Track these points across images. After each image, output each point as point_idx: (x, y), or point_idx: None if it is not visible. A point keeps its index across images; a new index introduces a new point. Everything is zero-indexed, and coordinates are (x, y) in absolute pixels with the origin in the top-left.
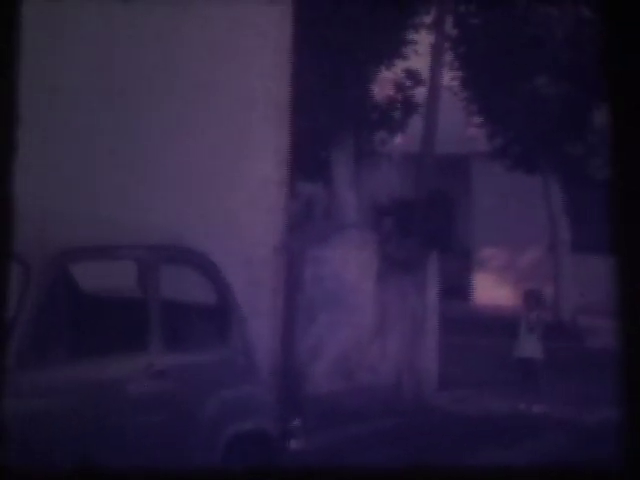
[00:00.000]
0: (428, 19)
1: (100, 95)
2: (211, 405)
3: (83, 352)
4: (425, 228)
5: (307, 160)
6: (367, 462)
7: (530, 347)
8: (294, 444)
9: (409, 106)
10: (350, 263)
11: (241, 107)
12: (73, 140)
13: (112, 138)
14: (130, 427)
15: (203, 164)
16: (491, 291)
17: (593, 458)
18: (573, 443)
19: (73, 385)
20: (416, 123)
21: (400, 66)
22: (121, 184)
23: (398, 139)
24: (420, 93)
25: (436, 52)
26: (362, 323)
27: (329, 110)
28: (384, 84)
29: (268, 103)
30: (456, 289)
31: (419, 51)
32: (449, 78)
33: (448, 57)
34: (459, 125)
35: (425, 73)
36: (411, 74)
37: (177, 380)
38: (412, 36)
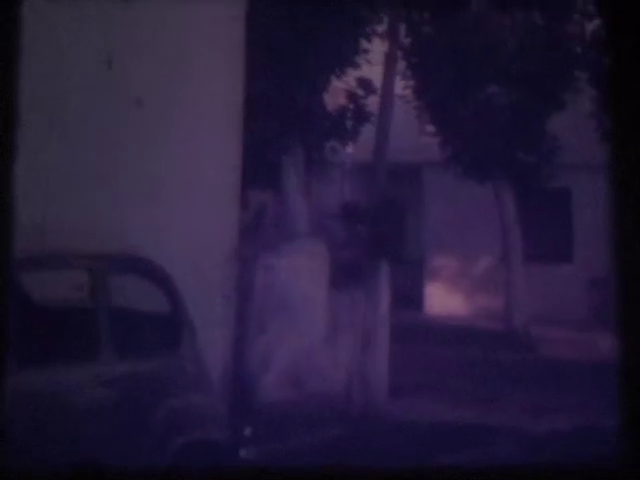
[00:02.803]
0: (381, 28)
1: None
2: (160, 414)
3: (32, 362)
4: (376, 237)
5: (258, 168)
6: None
7: None
8: (244, 453)
9: (361, 115)
10: (301, 272)
11: (192, 115)
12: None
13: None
14: (77, 437)
15: (154, 172)
16: (442, 300)
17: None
18: (523, 453)
19: (20, 395)
20: (368, 132)
21: (352, 75)
22: (71, 192)
23: (350, 148)
24: (372, 102)
25: (389, 61)
26: (313, 332)
27: (280, 118)
28: (336, 93)
29: (220, 111)
30: (407, 298)
31: (371, 60)
32: (402, 87)
33: (401, 66)
34: (411, 134)
35: (377, 82)
36: (363, 83)
37: (126, 389)
38: (365, 45)
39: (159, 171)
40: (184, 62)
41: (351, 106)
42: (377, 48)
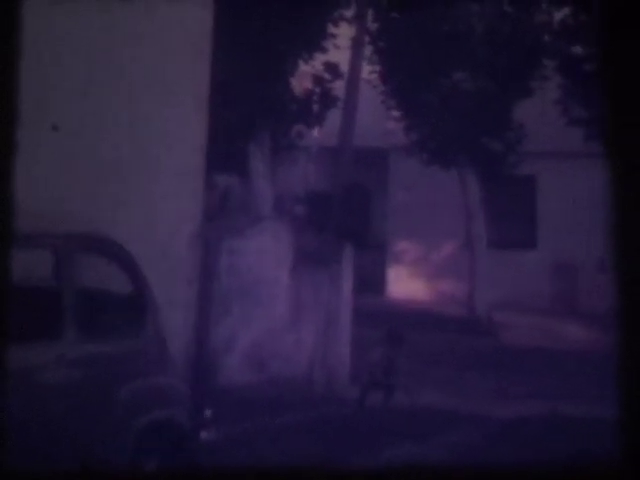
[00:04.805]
0: (349, 12)
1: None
2: (123, 395)
3: None
4: (341, 221)
5: (224, 152)
6: (277, 454)
7: None
8: (205, 435)
9: (327, 99)
10: (265, 255)
11: (160, 98)
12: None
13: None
14: (41, 416)
15: (121, 154)
16: (405, 285)
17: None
18: (485, 438)
19: None
20: (334, 116)
21: (319, 59)
22: (39, 173)
23: (316, 132)
24: (339, 86)
25: (356, 46)
26: (276, 315)
27: (246, 102)
28: (303, 77)
29: (186, 95)
30: (370, 282)
31: (339, 44)
32: (368, 72)
33: (368, 51)
34: (377, 119)
35: (344, 66)
36: (330, 67)
37: (89, 369)
38: (332, 29)
39: (127, 155)
40: (152, 48)
41: (317, 90)
42: (345, 32)
